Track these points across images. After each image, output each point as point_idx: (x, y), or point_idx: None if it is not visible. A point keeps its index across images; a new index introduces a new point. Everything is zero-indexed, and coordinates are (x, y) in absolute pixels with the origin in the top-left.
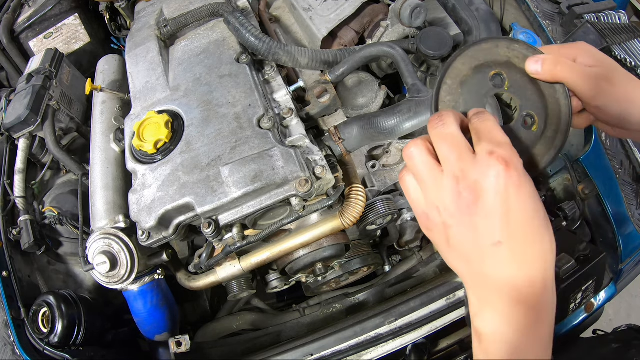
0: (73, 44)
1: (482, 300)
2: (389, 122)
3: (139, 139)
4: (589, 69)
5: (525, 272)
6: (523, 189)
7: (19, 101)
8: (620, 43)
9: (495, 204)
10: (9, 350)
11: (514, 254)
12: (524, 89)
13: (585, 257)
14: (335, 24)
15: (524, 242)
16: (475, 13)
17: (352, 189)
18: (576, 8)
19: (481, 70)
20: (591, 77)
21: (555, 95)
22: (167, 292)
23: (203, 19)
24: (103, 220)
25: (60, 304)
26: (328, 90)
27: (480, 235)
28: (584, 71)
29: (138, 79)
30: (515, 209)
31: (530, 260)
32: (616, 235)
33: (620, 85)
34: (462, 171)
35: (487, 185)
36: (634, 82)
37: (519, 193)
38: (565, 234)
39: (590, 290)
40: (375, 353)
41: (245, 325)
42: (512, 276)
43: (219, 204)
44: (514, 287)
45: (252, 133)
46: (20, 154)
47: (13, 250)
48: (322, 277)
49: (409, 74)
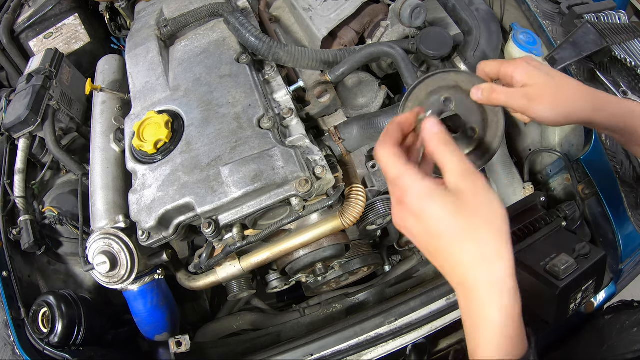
0: (73, 44)
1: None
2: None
3: (139, 139)
4: (519, 90)
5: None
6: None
7: (19, 101)
8: (620, 43)
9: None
10: (9, 350)
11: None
12: (469, 108)
13: (585, 257)
14: (335, 24)
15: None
16: (475, 13)
17: (352, 189)
18: (576, 8)
19: (434, 94)
20: (520, 97)
21: (493, 110)
22: (167, 292)
23: (203, 19)
24: (103, 220)
25: (60, 304)
26: (328, 90)
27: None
28: (514, 94)
29: (138, 79)
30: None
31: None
32: (616, 235)
33: (547, 98)
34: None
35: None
36: (565, 88)
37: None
38: (565, 234)
39: (591, 290)
40: (375, 353)
41: (245, 325)
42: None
43: (219, 204)
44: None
45: (252, 133)
46: (20, 154)
47: (13, 250)
48: (322, 277)
49: (409, 74)
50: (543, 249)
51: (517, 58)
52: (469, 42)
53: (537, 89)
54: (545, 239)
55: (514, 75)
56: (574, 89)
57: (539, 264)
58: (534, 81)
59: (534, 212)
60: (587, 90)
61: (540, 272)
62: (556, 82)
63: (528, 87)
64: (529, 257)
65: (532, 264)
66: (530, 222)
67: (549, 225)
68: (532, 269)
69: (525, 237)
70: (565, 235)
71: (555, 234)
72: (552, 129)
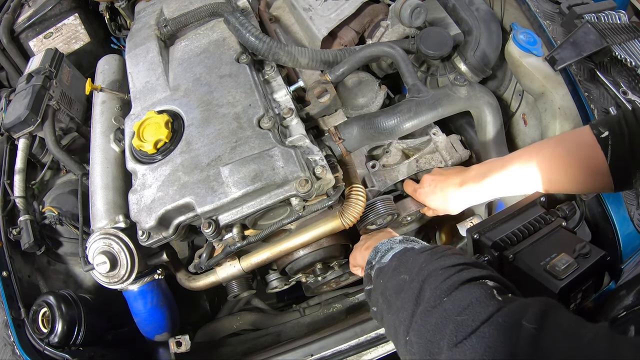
0: (73, 43)
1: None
2: (389, 122)
3: (139, 139)
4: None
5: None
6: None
7: (19, 101)
8: (620, 43)
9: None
10: (9, 350)
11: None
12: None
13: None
14: (335, 24)
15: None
16: (476, 13)
17: (352, 189)
18: (576, 8)
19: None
20: (420, 198)
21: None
22: (167, 292)
23: (203, 19)
24: (103, 220)
25: (60, 304)
26: (328, 90)
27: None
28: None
29: (138, 79)
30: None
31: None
32: (616, 235)
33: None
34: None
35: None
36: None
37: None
38: (565, 234)
39: (591, 290)
40: (375, 353)
41: (245, 325)
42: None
43: (219, 204)
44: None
45: (252, 133)
46: (20, 154)
47: (13, 250)
48: (322, 277)
49: (409, 74)
50: (543, 249)
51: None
52: (469, 42)
53: (426, 195)
54: (545, 239)
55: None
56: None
57: (539, 264)
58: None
59: (534, 212)
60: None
61: (540, 272)
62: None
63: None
64: (529, 257)
65: (532, 263)
66: (530, 222)
67: (548, 225)
68: (532, 269)
69: (525, 237)
70: (565, 235)
71: (555, 234)
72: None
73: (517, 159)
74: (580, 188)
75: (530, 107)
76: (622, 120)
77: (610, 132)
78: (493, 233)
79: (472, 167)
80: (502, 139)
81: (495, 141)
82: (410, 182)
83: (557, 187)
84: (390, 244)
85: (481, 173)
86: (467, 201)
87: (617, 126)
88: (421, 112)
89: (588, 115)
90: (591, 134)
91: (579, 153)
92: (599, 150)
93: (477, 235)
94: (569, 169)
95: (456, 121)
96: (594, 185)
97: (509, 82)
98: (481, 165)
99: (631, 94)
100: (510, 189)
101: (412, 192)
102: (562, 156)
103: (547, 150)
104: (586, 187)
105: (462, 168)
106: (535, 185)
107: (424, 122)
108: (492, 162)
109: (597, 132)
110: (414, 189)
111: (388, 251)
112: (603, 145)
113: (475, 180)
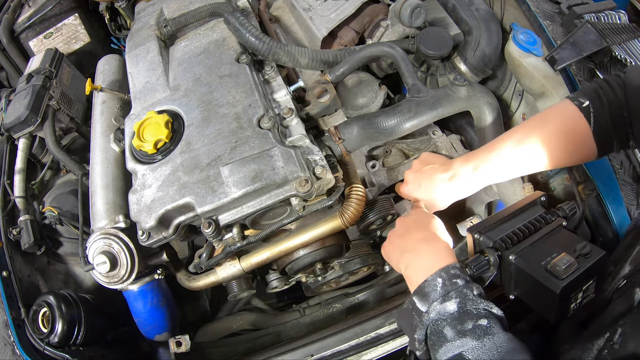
0: (73, 44)
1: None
2: (389, 122)
3: (139, 139)
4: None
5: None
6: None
7: (19, 101)
8: (620, 43)
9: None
10: (9, 350)
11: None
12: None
13: (586, 257)
14: (335, 24)
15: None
16: (476, 13)
17: (352, 189)
18: (576, 8)
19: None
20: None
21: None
22: (167, 292)
23: (203, 19)
24: (103, 220)
25: (60, 304)
26: (328, 90)
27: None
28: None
29: (138, 79)
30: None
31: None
32: (616, 235)
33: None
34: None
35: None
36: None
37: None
38: (566, 234)
39: (591, 290)
40: (375, 353)
41: (245, 325)
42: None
43: (219, 204)
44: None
45: (252, 133)
46: (20, 154)
47: (13, 250)
48: (322, 277)
49: (409, 74)
50: (543, 249)
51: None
52: (469, 42)
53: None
54: (545, 239)
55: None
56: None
57: (539, 264)
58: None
59: (534, 212)
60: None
61: (541, 272)
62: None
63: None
64: (530, 257)
65: (533, 263)
66: (531, 222)
67: (549, 224)
68: (533, 269)
69: (525, 236)
70: (565, 234)
71: (556, 234)
72: None
73: (505, 144)
74: (569, 161)
75: (530, 107)
76: (599, 90)
77: (590, 101)
78: (493, 233)
79: (457, 160)
80: None
81: None
82: (399, 183)
83: (548, 165)
84: (441, 313)
85: (471, 165)
86: (458, 195)
87: (595, 94)
88: (421, 112)
89: None
90: (573, 105)
91: (565, 126)
92: (582, 119)
93: (477, 235)
94: (558, 145)
95: (456, 121)
96: (580, 155)
97: (509, 82)
98: (467, 156)
99: None
100: (501, 176)
101: (399, 192)
102: (550, 134)
103: (534, 130)
104: (574, 159)
105: (445, 160)
106: (526, 167)
107: (424, 122)
108: (478, 152)
109: (578, 102)
110: (398, 188)
111: (440, 328)
112: (586, 114)
113: (467, 174)
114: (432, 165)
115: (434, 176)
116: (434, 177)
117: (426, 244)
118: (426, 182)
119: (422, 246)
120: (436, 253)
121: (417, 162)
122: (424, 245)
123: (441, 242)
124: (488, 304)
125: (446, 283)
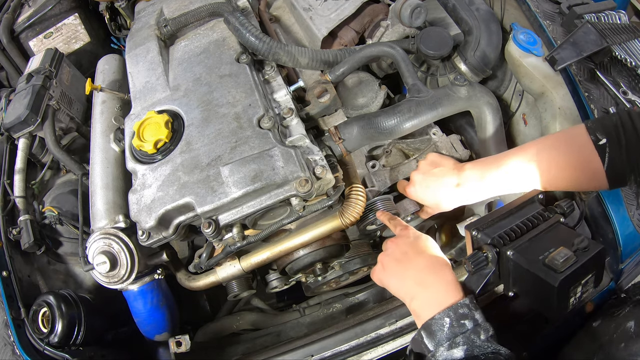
0: (73, 43)
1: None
2: (389, 122)
3: (139, 138)
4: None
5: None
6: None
7: (19, 101)
8: (620, 43)
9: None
10: (9, 350)
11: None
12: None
13: (584, 251)
14: (335, 24)
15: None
16: (476, 13)
17: (352, 189)
18: (576, 8)
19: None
20: (412, 196)
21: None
22: (167, 292)
23: (203, 19)
24: (103, 220)
25: (60, 304)
26: (328, 90)
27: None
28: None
29: (138, 78)
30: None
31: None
32: (616, 235)
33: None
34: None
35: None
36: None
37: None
38: (563, 229)
39: (590, 285)
40: (375, 353)
41: (245, 325)
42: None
43: (219, 204)
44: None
45: (252, 133)
46: (20, 154)
47: (13, 250)
48: (322, 277)
49: (409, 74)
50: (541, 244)
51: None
52: (469, 42)
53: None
54: (543, 235)
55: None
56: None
57: (537, 258)
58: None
59: (532, 209)
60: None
61: (539, 266)
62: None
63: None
64: (528, 253)
65: (531, 258)
66: (529, 219)
67: (547, 221)
68: (531, 263)
69: (523, 233)
70: (563, 230)
71: (553, 230)
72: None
73: (515, 159)
74: (577, 187)
75: (530, 107)
76: (620, 127)
77: (607, 139)
78: (491, 229)
79: (467, 166)
80: (502, 139)
81: (495, 141)
82: (403, 181)
83: (554, 186)
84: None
85: (479, 174)
86: (464, 201)
87: (615, 132)
88: (421, 112)
89: (588, 115)
90: (589, 139)
91: (577, 156)
92: (596, 155)
93: (475, 231)
94: (567, 170)
95: (456, 121)
96: (589, 184)
97: (509, 82)
98: (476, 163)
99: (631, 94)
100: (508, 189)
101: (404, 191)
102: (560, 158)
103: (545, 152)
104: (582, 186)
105: (455, 164)
106: (533, 184)
107: (424, 122)
108: (488, 162)
109: (595, 138)
110: (404, 187)
111: None
112: (600, 152)
113: (474, 182)
114: (441, 168)
115: (442, 179)
116: (442, 180)
117: (432, 273)
118: (435, 184)
119: (427, 276)
120: (445, 286)
121: (424, 163)
122: (429, 275)
123: (447, 270)
124: (496, 347)
125: (454, 324)
